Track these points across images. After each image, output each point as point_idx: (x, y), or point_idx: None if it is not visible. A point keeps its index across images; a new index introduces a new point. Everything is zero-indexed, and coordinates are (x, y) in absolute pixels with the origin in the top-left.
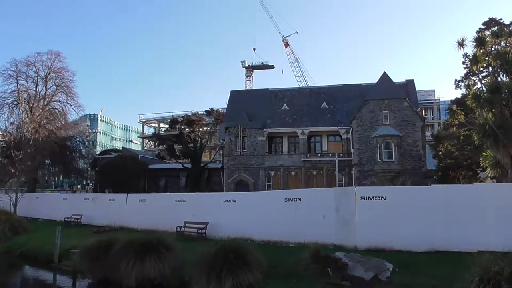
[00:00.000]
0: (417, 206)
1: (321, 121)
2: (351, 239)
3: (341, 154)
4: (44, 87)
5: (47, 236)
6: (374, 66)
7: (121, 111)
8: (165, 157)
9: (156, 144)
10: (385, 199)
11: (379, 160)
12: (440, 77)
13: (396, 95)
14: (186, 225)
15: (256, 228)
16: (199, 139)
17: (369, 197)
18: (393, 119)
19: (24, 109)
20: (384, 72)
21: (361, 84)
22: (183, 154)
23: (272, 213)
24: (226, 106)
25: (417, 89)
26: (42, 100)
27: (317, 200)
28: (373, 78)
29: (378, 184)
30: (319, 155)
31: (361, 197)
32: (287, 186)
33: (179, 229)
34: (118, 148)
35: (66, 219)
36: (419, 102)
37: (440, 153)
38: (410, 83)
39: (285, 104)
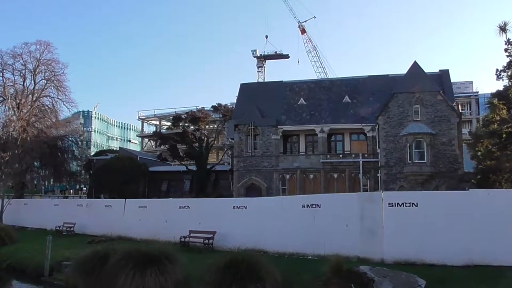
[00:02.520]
0: (453, 214)
1: (343, 117)
2: (377, 251)
3: (366, 155)
4: (32, 81)
5: (36, 246)
6: (403, 55)
7: (118, 108)
8: (167, 158)
9: (157, 144)
10: (416, 206)
11: (409, 162)
12: (479, 66)
13: (428, 87)
14: (191, 234)
15: (269, 238)
16: (205, 138)
17: (398, 204)
18: (425, 115)
19: (10, 106)
20: (415, 62)
21: (388, 75)
22: (187, 155)
23: (288, 221)
24: (235, 101)
25: (452, 80)
26: (30, 96)
27: (339, 206)
28: (402, 69)
29: (408, 188)
30: (341, 155)
31: (389, 204)
32: (304, 191)
33: (183, 239)
34: (114, 149)
35: (58, 228)
36: (454, 95)
37: (479, 153)
38: (444, 73)
39: (301, 98)
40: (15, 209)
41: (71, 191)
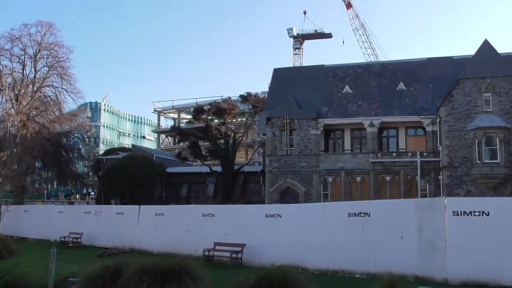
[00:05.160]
0: None
1: (397, 108)
2: (439, 269)
3: (425, 153)
4: (33, 68)
5: (39, 260)
6: (470, 33)
7: (131, 99)
8: (187, 157)
9: (176, 140)
10: (488, 215)
11: (478, 162)
12: None
13: (502, 71)
14: (216, 247)
15: (309, 252)
16: (232, 134)
17: (464, 212)
18: (498, 105)
19: (8, 97)
20: (485, 40)
21: (452, 57)
22: (211, 154)
23: (331, 232)
24: (267, 90)
25: None
26: (30, 85)
27: (392, 215)
28: (470, 49)
29: (477, 194)
30: (394, 154)
31: (453, 212)
32: (351, 197)
33: (207, 253)
34: (127, 146)
35: (63, 239)
36: None
37: None
38: None
39: (347, 86)
40: (14, 217)
41: (77, 196)
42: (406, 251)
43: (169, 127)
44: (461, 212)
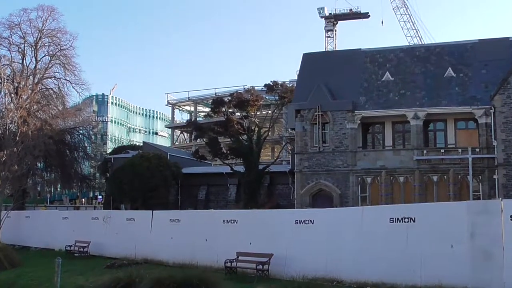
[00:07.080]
0: None
1: (445, 98)
2: (495, 281)
3: (477, 149)
4: (33, 58)
5: (42, 272)
6: None
7: (141, 90)
8: (205, 156)
9: (193, 136)
10: None
11: None
12: None
13: None
14: (240, 257)
15: (345, 262)
16: (256, 129)
17: None
18: None
19: (7, 91)
20: None
21: (508, 38)
22: (233, 152)
23: (370, 240)
24: (296, 78)
25: None
26: (31, 77)
27: (441, 220)
28: None
29: None
30: (442, 151)
31: (511, 216)
32: (392, 199)
33: (229, 264)
34: (137, 144)
35: (68, 248)
36: None
37: None
38: None
39: (387, 73)
40: (15, 224)
41: (83, 200)
42: (456, 261)
43: (184, 121)
44: None
